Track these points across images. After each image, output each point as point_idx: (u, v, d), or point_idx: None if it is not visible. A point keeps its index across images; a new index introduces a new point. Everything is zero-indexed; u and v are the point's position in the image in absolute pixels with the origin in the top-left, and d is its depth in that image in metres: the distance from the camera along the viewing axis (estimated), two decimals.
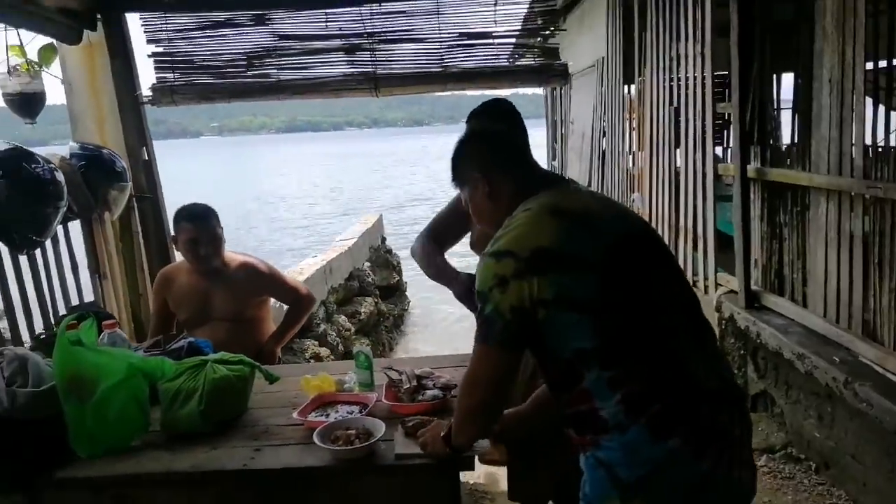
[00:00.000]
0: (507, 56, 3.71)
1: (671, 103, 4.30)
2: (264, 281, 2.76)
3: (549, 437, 1.47)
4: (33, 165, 2.51)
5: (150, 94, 3.56)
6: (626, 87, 5.56)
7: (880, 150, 2.60)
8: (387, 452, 1.70)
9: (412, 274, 8.92)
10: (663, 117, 4.44)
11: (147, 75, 3.70)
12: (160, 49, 3.59)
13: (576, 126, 7.53)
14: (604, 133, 6.16)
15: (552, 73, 3.61)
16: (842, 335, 2.75)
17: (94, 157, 3.09)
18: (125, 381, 1.83)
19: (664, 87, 4.40)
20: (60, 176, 2.67)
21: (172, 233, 2.71)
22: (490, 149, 1.55)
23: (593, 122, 6.47)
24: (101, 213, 3.19)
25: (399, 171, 34.87)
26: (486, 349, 1.34)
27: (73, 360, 1.78)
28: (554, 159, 9.39)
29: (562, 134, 8.68)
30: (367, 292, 6.98)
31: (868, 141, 2.64)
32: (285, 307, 2.94)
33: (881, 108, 2.62)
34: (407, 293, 8.57)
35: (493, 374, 1.36)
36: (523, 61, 3.81)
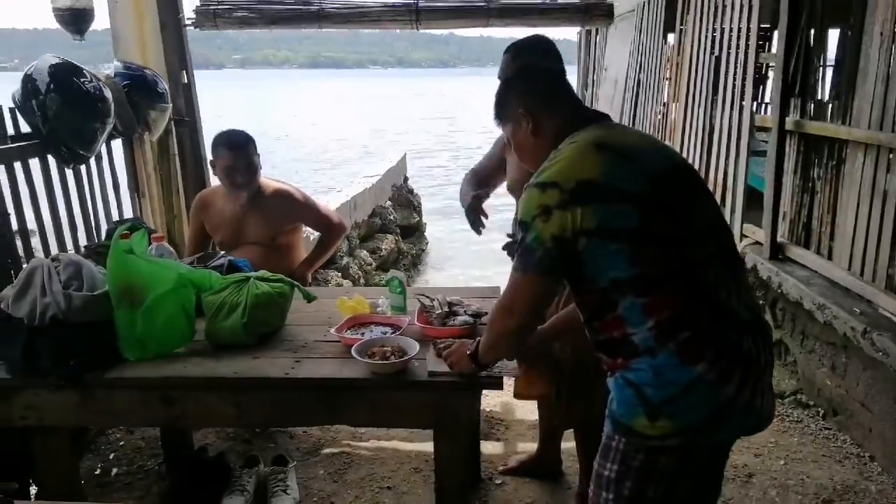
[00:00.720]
0: None
1: (712, 53, 4.22)
2: (298, 208, 2.79)
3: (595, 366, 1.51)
4: (83, 80, 2.55)
5: (194, 16, 3.56)
6: (665, 35, 5.43)
7: None
8: (419, 370, 1.79)
9: (432, 219, 9.01)
10: (702, 68, 4.36)
11: None
12: None
13: (609, 73, 7.36)
14: (638, 82, 6.04)
15: (597, 12, 3.54)
16: (865, 288, 2.78)
17: (137, 77, 3.11)
18: (174, 291, 1.90)
19: (706, 37, 4.31)
20: (108, 93, 2.71)
21: (210, 157, 2.76)
22: (538, 86, 1.54)
23: (628, 69, 6.33)
24: (141, 133, 3.25)
25: (422, 115, 34.42)
26: (523, 278, 1.39)
27: (126, 268, 1.85)
28: None
29: (593, 80, 8.51)
30: (389, 230, 7.07)
31: None
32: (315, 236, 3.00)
33: None
34: (426, 234, 8.64)
35: (529, 301, 1.41)
36: None
